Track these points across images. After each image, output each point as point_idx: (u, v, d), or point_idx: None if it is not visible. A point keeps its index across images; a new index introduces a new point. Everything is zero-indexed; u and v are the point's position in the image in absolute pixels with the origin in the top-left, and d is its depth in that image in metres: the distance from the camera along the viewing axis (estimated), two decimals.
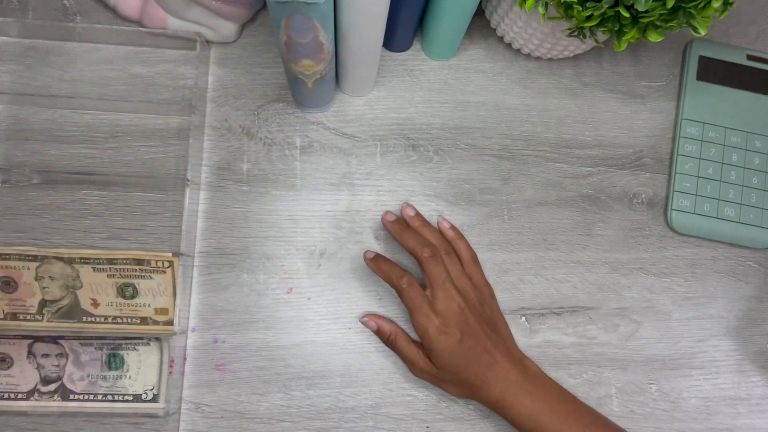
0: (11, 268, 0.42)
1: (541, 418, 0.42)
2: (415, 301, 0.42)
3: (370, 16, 0.39)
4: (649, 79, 0.54)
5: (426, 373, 0.44)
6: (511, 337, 0.47)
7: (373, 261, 0.45)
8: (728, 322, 0.51)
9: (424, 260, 0.43)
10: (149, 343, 0.45)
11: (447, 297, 0.42)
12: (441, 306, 0.42)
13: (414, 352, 0.44)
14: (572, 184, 0.51)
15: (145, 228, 0.47)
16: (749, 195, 0.52)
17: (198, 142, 0.48)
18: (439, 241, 0.46)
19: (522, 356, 0.45)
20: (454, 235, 0.48)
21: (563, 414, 0.42)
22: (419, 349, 0.44)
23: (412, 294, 0.42)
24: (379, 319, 0.46)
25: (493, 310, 0.46)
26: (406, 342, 0.45)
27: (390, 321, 0.47)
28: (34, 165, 0.47)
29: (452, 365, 0.42)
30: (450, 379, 0.43)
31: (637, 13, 0.40)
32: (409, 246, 0.44)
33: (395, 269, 0.43)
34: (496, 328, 0.45)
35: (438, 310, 0.42)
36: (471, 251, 0.48)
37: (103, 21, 0.50)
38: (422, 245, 0.44)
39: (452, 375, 0.43)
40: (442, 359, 0.42)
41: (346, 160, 0.50)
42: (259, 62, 0.51)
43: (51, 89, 0.49)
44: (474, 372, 0.42)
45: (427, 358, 0.44)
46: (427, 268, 0.43)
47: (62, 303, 0.43)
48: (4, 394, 0.44)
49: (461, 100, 0.52)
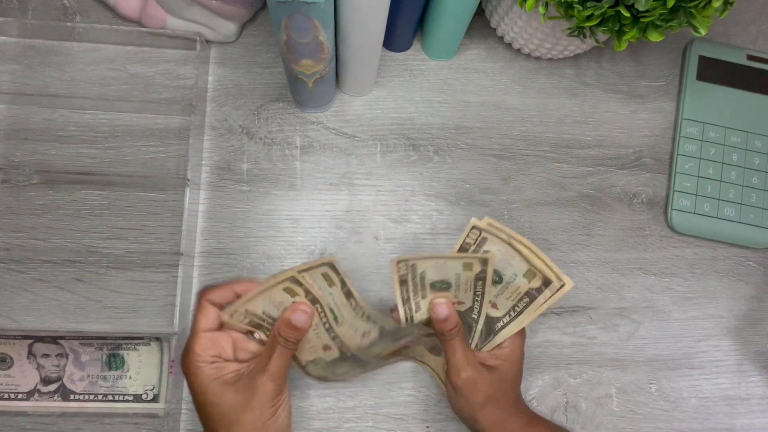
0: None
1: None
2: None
3: (370, 16, 0.39)
4: (649, 79, 0.54)
5: (467, 382, 0.40)
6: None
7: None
8: (728, 322, 0.51)
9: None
10: (149, 343, 0.45)
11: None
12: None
13: (467, 358, 0.40)
14: (572, 184, 0.51)
15: (145, 228, 0.47)
16: (749, 195, 0.52)
17: (198, 142, 0.48)
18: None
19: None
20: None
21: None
22: (473, 356, 0.41)
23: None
24: (452, 307, 0.41)
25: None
26: (462, 342, 0.41)
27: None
28: (34, 165, 0.47)
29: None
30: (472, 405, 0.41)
31: (637, 12, 0.40)
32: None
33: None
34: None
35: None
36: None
37: (103, 21, 0.50)
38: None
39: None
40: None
41: (346, 160, 0.50)
42: (259, 62, 0.51)
43: (51, 89, 0.49)
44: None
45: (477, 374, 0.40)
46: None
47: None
48: (4, 394, 0.44)
49: (461, 100, 0.52)
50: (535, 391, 0.48)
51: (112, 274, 0.46)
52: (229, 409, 0.35)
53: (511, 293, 0.39)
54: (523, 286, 0.38)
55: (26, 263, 0.46)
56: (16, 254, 0.46)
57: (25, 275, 0.46)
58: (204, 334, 0.36)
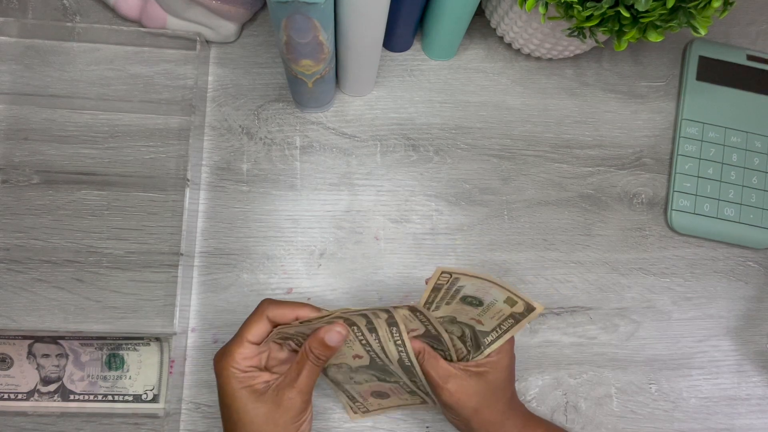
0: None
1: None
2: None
3: (370, 16, 0.39)
4: (649, 79, 0.54)
5: (453, 393, 0.39)
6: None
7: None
8: (728, 322, 0.51)
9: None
10: (149, 344, 0.45)
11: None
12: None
13: (447, 371, 0.39)
14: (572, 184, 0.51)
15: (145, 228, 0.47)
16: (749, 195, 0.52)
17: (198, 142, 0.48)
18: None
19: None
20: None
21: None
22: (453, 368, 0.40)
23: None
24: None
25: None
26: (437, 358, 0.40)
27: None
28: (33, 165, 0.47)
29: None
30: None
31: (637, 13, 0.40)
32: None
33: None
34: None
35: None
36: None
37: (103, 21, 0.50)
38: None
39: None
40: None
41: (346, 160, 0.50)
42: (259, 62, 0.51)
43: (50, 89, 0.49)
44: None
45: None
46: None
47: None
48: (4, 395, 0.44)
49: (461, 100, 0.52)
50: (535, 391, 0.48)
51: (112, 274, 0.46)
52: (254, 418, 0.35)
53: (495, 314, 0.38)
54: (506, 310, 0.37)
55: (26, 263, 0.46)
56: (16, 254, 0.46)
57: (25, 275, 0.46)
58: (248, 345, 0.36)
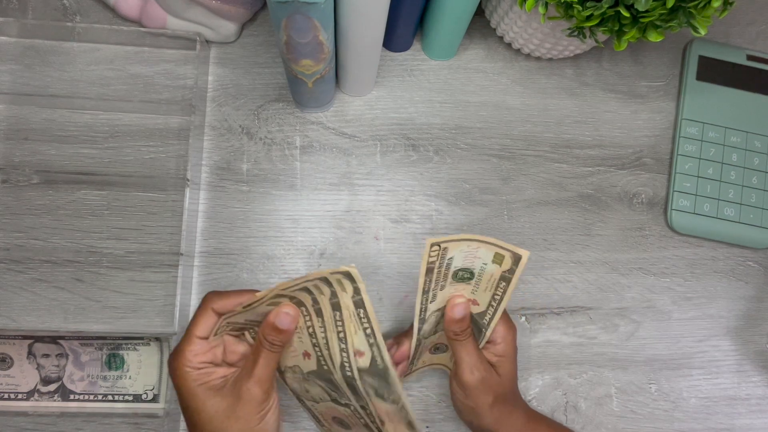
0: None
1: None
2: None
3: (370, 16, 0.39)
4: (649, 79, 0.54)
5: (480, 382, 0.40)
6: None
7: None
8: (728, 322, 0.51)
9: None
10: (149, 343, 0.45)
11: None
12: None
13: (480, 359, 0.40)
14: (572, 184, 0.51)
15: (145, 228, 0.47)
16: (749, 195, 0.52)
17: (198, 142, 0.48)
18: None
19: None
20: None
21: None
22: (485, 357, 0.41)
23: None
24: (469, 307, 0.40)
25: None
26: (475, 342, 0.40)
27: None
28: (33, 165, 0.47)
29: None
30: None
31: (637, 12, 0.40)
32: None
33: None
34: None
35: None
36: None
37: (103, 21, 0.50)
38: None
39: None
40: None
41: (346, 160, 0.50)
42: (259, 62, 0.51)
43: (50, 89, 0.49)
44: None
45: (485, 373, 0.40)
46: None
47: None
48: (4, 394, 0.44)
49: (461, 100, 0.52)
50: (535, 391, 0.48)
51: (112, 274, 0.46)
52: (213, 415, 0.35)
53: (487, 283, 0.39)
54: (496, 272, 0.38)
55: (26, 263, 0.46)
56: (16, 254, 0.46)
57: (25, 275, 0.46)
58: (198, 340, 0.36)
